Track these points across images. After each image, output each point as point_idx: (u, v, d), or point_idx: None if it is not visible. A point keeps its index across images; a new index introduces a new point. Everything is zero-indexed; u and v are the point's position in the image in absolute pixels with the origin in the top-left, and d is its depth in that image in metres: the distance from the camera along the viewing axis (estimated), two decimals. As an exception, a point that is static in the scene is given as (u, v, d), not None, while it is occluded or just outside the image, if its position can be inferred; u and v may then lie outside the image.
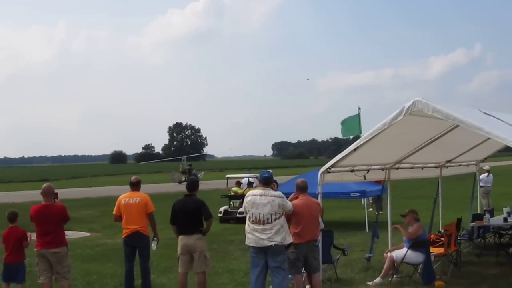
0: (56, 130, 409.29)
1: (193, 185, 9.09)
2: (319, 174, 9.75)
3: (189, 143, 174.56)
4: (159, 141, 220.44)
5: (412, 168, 12.31)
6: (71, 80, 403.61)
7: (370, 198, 21.42)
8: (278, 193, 8.18)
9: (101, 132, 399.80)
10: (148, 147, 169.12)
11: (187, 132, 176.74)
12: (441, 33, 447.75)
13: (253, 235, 8.02)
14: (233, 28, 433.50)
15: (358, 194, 17.38)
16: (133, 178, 9.72)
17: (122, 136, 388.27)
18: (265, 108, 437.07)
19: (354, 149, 9.45)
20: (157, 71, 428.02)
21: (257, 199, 8.06)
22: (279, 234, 7.95)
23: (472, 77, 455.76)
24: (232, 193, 22.00)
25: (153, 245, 9.52)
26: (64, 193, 34.42)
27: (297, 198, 8.67)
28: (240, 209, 19.69)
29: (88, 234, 18.48)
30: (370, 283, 9.85)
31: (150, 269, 9.68)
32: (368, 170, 10.77)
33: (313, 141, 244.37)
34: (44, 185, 8.57)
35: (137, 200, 9.37)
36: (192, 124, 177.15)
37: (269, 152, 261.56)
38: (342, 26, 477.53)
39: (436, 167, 13.57)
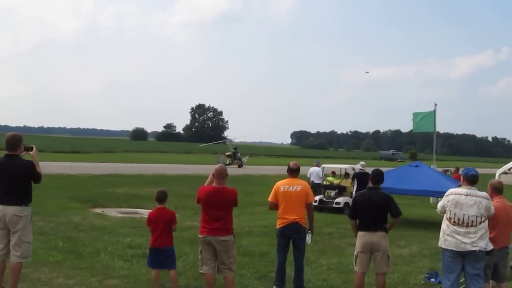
0: (76, 103, 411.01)
1: (378, 177, 8.07)
2: (497, 174, 8.77)
3: (210, 125, 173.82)
4: (181, 121, 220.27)
5: None
6: (95, 54, 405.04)
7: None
8: (484, 194, 7.24)
9: (121, 108, 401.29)
10: (169, 126, 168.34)
11: (209, 114, 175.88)
12: (470, 33, 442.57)
13: (454, 238, 7.10)
14: (260, 13, 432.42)
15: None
16: (292, 163, 8.76)
17: (142, 114, 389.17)
18: (285, 96, 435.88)
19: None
20: (182, 51, 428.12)
21: (462, 198, 7.14)
22: (483, 239, 7.08)
23: (497, 80, 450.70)
24: (327, 183, 21.17)
25: (308, 238, 8.63)
26: (109, 168, 33.86)
27: None
28: (337, 199, 19.18)
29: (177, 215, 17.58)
30: None
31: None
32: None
33: (333, 133, 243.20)
34: (216, 167, 7.60)
35: (298, 188, 8.45)
36: (215, 107, 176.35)
37: (286, 140, 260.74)
38: (370, 17, 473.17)
39: None
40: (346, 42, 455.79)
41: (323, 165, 24.11)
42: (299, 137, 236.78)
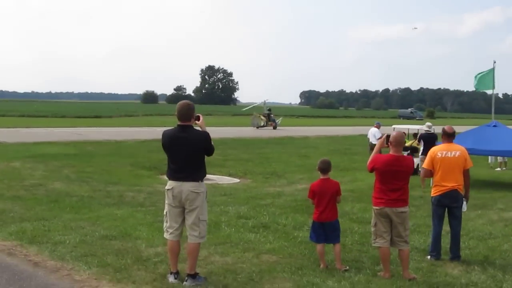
0: (83, 66, 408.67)
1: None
2: None
3: (220, 86, 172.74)
4: (191, 83, 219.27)
5: None
6: (100, 16, 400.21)
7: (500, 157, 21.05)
8: None
9: (128, 72, 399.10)
10: (179, 89, 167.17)
11: (219, 75, 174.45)
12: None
13: None
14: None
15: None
16: (447, 127, 8.24)
17: (150, 76, 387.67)
18: (292, 56, 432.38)
19: None
20: (189, 11, 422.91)
21: None
22: None
23: (505, 37, 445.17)
24: None
25: (464, 206, 8.16)
26: (150, 133, 33.32)
27: None
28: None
29: (238, 180, 17.15)
30: None
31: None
32: None
33: (342, 92, 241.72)
34: (394, 134, 7.04)
35: (457, 153, 7.97)
36: (225, 68, 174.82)
37: (294, 100, 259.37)
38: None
39: None
40: (352, 1, 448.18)
41: (393, 126, 23.60)
42: (308, 96, 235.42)
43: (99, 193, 12.58)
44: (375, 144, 20.49)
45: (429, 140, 16.61)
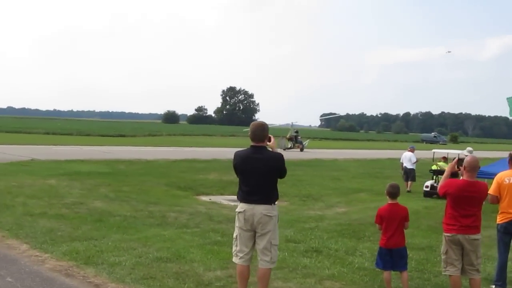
0: (105, 85, 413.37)
1: None
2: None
3: (241, 108, 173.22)
4: (212, 103, 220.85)
5: None
6: (123, 39, 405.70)
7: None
8: None
9: (149, 90, 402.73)
10: (200, 109, 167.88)
11: (240, 96, 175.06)
12: (500, 13, 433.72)
13: None
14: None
15: None
16: (514, 152, 7.98)
17: (171, 96, 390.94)
18: (311, 78, 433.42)
19: None
20: (209, 34, 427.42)
21: None
22: None
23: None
24: (438, 168, 20.45)
25: None
26: (179, 153, 33.31)
27: None
28: None
29: (285, 203, 16.89)
30: None
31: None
32: None
33: (362, 115, 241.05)
34: (468, 159, 6.82)
35: (525, 179, 7.67)
36: (246, 89, 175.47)
37: (314, 122, 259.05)
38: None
39: None
40: (373, 23, 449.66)
41: (433, 150, 23.40)
42: (328, 119, 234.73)
43: (141, 213, 12.44)
44: (410, 168, 20.59)
45: (471, 164, 16.29)
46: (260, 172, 6.11)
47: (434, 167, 20.99)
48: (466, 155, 17.87)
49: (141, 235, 9.91)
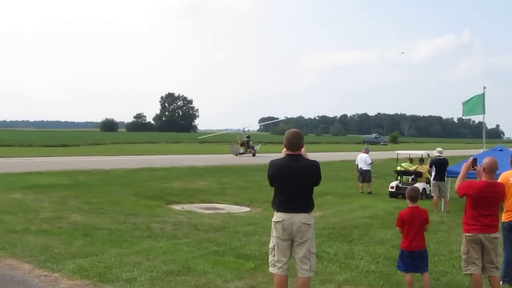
0: (39, 95, 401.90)
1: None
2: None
3: (180, 114, 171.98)
4: (151, 110, 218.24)
5: None
6: (57, 45, 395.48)
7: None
8: None
9: (84, 98, 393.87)
10: (139, 116, 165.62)
11: (179, 102, 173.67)
12: (430, 16, 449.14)
13: None
14: (221, 1, 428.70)
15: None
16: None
17: (108, 105, 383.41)
18: (249, 83, 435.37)
19: None
20: (146, 40, 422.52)
21: None
22: None
23: (457, 63, 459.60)
24: (402, 169, 20.80)
25: None
26: (122, 162, 32.68)
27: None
28: (416, 185, 18.55)
29: (248, 209, 16.87)
30: None
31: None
32: None
33: (300, 118, 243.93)
34: (487, 161, 6.99)
35: (528, 179, 7.96)
36: (185, 95, 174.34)
37: (253, 127, 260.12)
38: (331, 3, 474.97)
39: None
40: (308, 28, 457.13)
41: (397, 151, 23.85)
42: (267, 123, 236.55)
43: (124, 225, 12.15)
44: (365, 170, 20.98)
45: (441, 165, 16.74)
46: (298, 180, 6.07)
47: (398, 168, 21.40)
48: (438, 156, 18.32)
49: (138, 248, 9.68)
